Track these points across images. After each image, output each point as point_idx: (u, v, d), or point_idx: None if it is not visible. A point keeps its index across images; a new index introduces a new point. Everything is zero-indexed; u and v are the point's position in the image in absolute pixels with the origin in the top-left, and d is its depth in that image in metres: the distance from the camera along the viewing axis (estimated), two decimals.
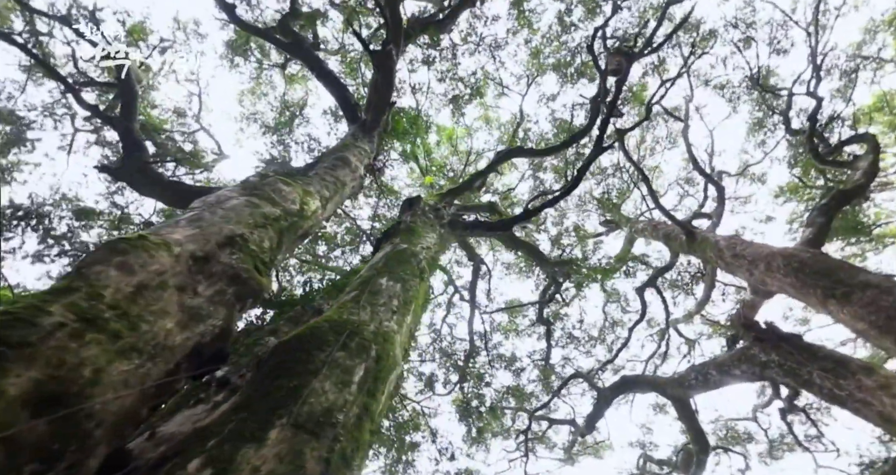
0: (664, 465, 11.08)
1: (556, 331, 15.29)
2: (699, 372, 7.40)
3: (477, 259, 13.76)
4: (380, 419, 2.53)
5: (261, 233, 3.05)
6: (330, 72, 11.78)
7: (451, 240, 7.49)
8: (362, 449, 2.14)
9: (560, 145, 11.35)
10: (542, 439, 12.98)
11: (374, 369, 2.57)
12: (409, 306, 3.76)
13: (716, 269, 12.52)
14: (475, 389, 12.95)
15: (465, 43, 15.59)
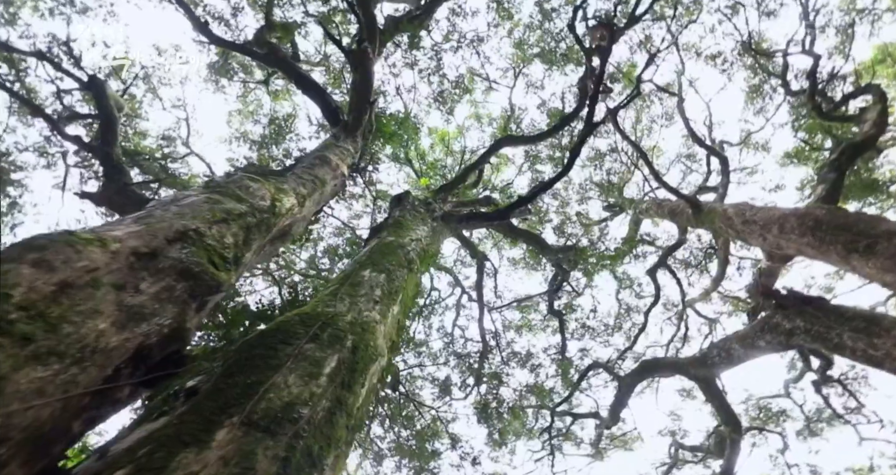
0: (697, 451, 10.63)
1: (569, 322, 14.94)
2: (721, 348, 7.04)
3: (480, 256, 13.51)
4: (361, 414, 2.29)
5: (221, 228, 2.85)
6: (308, 78, 11.71)
7: (446, 234, 7.26)
8: (335, 445, 1.90)
9: (552, 129, 11.13)
10: (568, 436, 12.56)
11: (349, 360, 2.34)
12: (394, 296, 3.53)
13: (728, 243, 12.12)
14: (493, 390, 12.62)
15: (447, 41, 15.49)
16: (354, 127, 9.02)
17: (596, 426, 11.06)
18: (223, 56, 14.92)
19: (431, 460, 10.47)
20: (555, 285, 10.19)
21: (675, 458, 10.99)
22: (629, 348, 12.67)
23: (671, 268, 12.53)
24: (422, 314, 14.87)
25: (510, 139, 11.35)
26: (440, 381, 13.00)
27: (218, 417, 1.69)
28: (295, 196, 4.47)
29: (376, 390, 2.62)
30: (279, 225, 4.07)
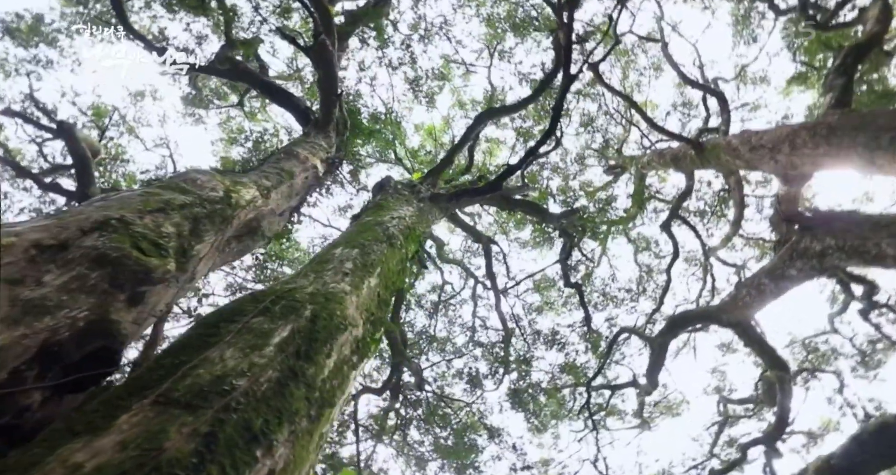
0: (747, 403, 10.13)
1: (590, 294, 14.52)
2: (750, 286, 6.59)
3: (484, 239, 13.18)
4: (331, 386, 2.01)
5: (157, 217, 2.60)
6: (273, 84, 11.57)
7: (436, 214, 6.97)
8: (290, 419, 1.62)
9: (533, 93, 10.73)
10: (610, 410, 12.15)
11: (307, 329, 2.07)
12: (370, 269, 3.25)
13: (741, 183, 11.59)
14: (523, 375, 12.28)
15: (415, 31, 15.19)
16: (325, 122, 8.81)
17: (637, 395, 10.64)
18: (193, 81, 14.79)
19: (471, 455, 10.18)
20: (564, 254, 9.81)
21: (725, 415, 10.50)
22: (656, 310, 12.20)
23: (685, 220, 12.03)
24: (438, 311, 14.61)
25: (492, 112, 11.00)
26: (469, 375, 12.70)
27: (127, 401, 1.43)
28: (256, 188, 4.23)
29: (351, 363, 2.33)
30: (241, 217, 3.82)
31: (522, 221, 16.35)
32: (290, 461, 1.58)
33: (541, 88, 10.96)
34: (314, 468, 1.86)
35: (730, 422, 10.56)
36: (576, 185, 15.85)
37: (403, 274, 4.16)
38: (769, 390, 7.80)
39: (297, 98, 11.33)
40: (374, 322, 2.88)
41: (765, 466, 7.47)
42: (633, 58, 16.65)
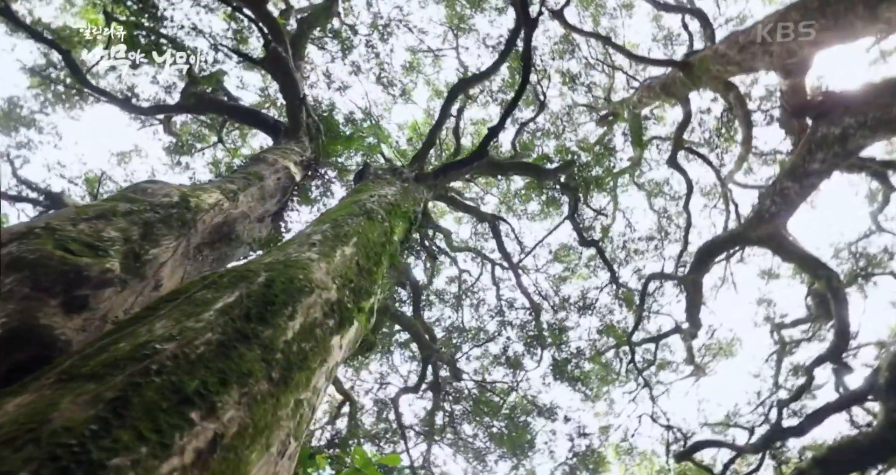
0: (802, 324, 9.58)
1: (612, 251, 14.11)
2: (773, 193, 6.15)
3: (489, 218, 12.91)
4: (297, 349, 1.80)
5: (96, 223, 2.44)
6: (239, 107, 11.58)
7: (423, 193, 6.74)
8: (240, 381, 1.42)
9: (501, 54, 10.39)
10: (660, 364, 11.73)
11: (259, 293, 1.86)
12: (343, 238, 3.03)
13: (741, 98, 11.03)
14: (562, 347, 11.94)
15: (374, 29, 15.00)
16: (295, 128, 8.70)
17: (683, 341, 10.20)
18: (169, 129, 14.84)
19: (526, 436, 9.92)
20: (571, 210, 9.45)
21: (781, 343, 9.97)
22: (683, 250, 11.69)
23: (692, 150, 11.51)
24: (461, 302, 14.40)
25: (463, 83, 10.72)
26: (507, 358, 12.43)
27: (28, 386, 1.25)
28: (220, 191, 4.07)
29: (327, 326, 2.12)
30: (207, 222, 3.66)
31: (527, 195, 16.02)
32: (246, 424, 1.37)
33: (507, 48, 10.62)
34: (294, 437, 1.66)
35: (789, 350, 10.02)
36: (571, 143, 15.44)
37: (389, 247, 3.94)
38: (822, 304, 7.32)
39: (265, 114, 11.28)
40: (356, 289, 2.67)
41: (836, 385, 7.00)
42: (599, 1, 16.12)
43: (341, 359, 2.38)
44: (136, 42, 12.75)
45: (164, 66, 13.60)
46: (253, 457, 1.38)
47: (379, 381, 10.73)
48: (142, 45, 12.77)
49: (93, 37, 12.85)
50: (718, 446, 8.82)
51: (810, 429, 6.93)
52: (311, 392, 1.89)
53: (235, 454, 1.30)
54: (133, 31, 12.21)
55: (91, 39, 12.93)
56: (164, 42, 12.91)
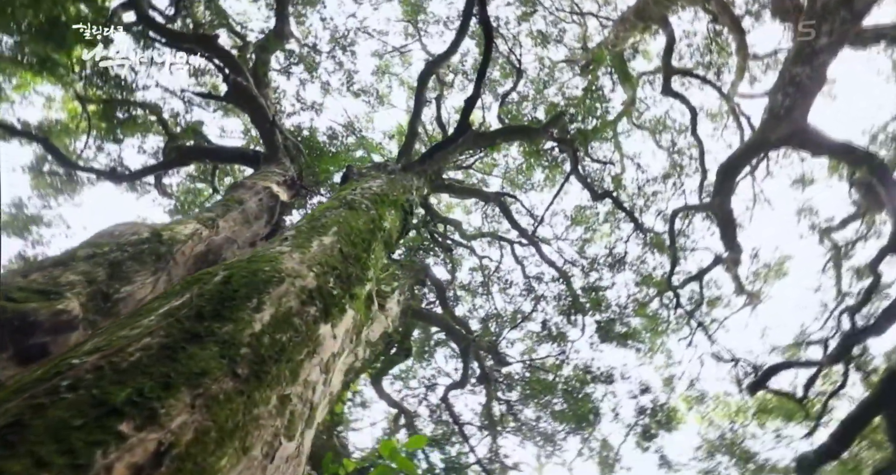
0: (850, 222, 8.89)
1: (630, 200, 13.59)
2: (784, 84, 5.64)
3: (493, 196, 12.61)
4: (272, 340, 1.60)
5: (51, 271, 2.32)
6: (216, 148, 11.69)
7: (412, 180, 6.52)
8: (188, 381, 1.21)
9: (460, 29, 10.09)
10: (710, 301, 11.16)
11: (214, 291, 1.64)
12: (320, 230, 2.83)
13: (725, 4, 10.44)
14: (602, 308, 11.51)
15: (334, 43, 14.93)
16: (272, 152, 8.66)
17: (727, 271, 9.65)
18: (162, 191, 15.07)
19: (588, 405, 9.56)
20: (573, 164, 9.05)
21: (835, 248, 9.29)
22: (703, 179, 11.08)
23: (685, 71, 10.90)
24: (489, 288, 14.16)
25: (431, 65, 10.43)
26: (549, 333, 12.08)
27: None
28: (197, 221, 3.94)
29: (308, 314, 1.91)
30: (187, 252, 3.53)
31: (528, 166, 15.64)
32: (206, 428, 1.17)
33: (466, 18, 10.31)
34: (286, 436, 1.45)
35: (845, 253, 9.32)
36: (560, 101, 14.96)
37: (380, 234, 3.73)
38: (869, 193, 6.75)
39: (245, 149, 11.33)
40: (342, 276, 2.45)
41: None
42: None
43: (340, 349, 2.18)
44: (112, 117, 13.00)
45: (147, 133, 13.93)
46: (223, 463, 1.17)
47: (426, 385, 10.57)
48: (119, 118, 13.04)
49: (75, 124, 13.22)
50: (792, 367, 8.26)
51: (889, 326, 6.36)
52: (302, 386, 1.68)
53: (195, 462, 1.10)
54: (109, 108, 12.50)
55: (73, 126, 13.30)
56: (139, 109, 13.16)
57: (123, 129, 12.72)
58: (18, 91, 13.08)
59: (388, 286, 7.07)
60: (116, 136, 12.73)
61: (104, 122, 12.24)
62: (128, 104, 12.13)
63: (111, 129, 12.34)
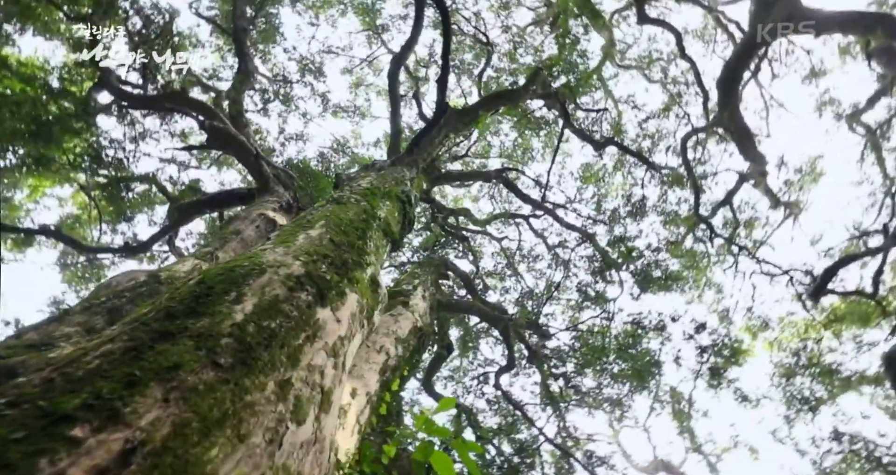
0: (880, 98, 8.22)
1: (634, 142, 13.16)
2: None
3: (493, 174, 12.41)
4: (258, 328, 1.48)
5: (48, 327, 2.29)
6: (213, 195, 11.91)
7: (402, 173, 6.38)
8: (159, 377, 1.09)
9: (416, 13, 9.93)
10: (747, 223, 10.60)
11: (187, 292, 1.53)
12: (305, 226, 2.71)
13: None
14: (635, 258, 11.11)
15: (303, 69, 15.12)
16: (263, 183, 8.72)
17: (756, 187, 9.13)
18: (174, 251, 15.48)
19: (647, 359, 9.21)
20: (564, 116, 8.73)
21: (868, 132, 8.65)
22: (705, 100, 10.55)
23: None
24: (515, 268, 13.98)
25: (397, 59, 10.32)
26: (588, 296, 11.76)
27: None
28: (195, 258, 3.92)
29: (299, 300, 1.79)
30: (173, 284, 3.49)
31: (523, 136, 15.38)
32: (186, 420, 1.05)
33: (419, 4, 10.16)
34: (294, 421, 1.32)
35: (881, 135, 8.64)
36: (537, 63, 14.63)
37: (376, 222, 3.60)
38: (890, 59, 6.22)
39: (239, 189, 11.50)
40: (336, 262, 2.33)
41: None
42: None
43: (349, 333, 2.05)
44: (117, 197, 13.43)
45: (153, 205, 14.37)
46: (214, 453, 1.05)
47: (478, 379, 10.42)
48: (123, 197, 13.45)
49: (86, 213, 13.77)
50: (853, 260, 7.67)
51: None
52: (306, 370, 1.56)
53: (175, 456, 0.98)
54: (112, 190, 12.93)
55: (86, 216, 13.85)
56: (138, 183, 13.55)
57: (131, 207, 13.14)
58: (31, 198, 13.72)
59: (410, 284, 6.97)
60: (126, 215, 13.15)
61: (111, 204, 12.67)
62: (127, 181, 12.52)
63: (120, 210, 12.76)
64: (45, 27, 11.30)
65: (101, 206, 13.12)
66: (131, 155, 12.44)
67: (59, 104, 10.70)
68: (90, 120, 11.15)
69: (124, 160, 12.42)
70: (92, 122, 11.30)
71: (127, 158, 12.46)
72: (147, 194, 13.56)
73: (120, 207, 13.21)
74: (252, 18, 12.80)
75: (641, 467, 11.58)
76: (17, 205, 13.96)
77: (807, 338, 8.94)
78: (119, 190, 12.81)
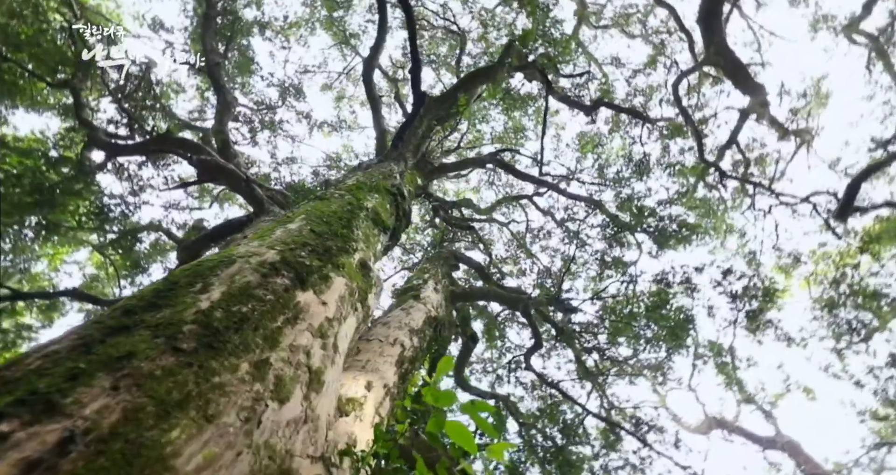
0: (874, 2, 7.79)
1: (626, 99, 12.88)
2: None
3: (487, 158, 12.27)
4: (226, 313, 1.40)
5: None
6: (214, 231, 12.04)
7: (394, 166, 6.31)
8: (107, 368, 1.01)
9: (380, 10, 9.88)
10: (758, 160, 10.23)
11: (150, 290, 1.46)
12: (285, 221, 2.63)
13: None
14: (647, 216, 10.83)
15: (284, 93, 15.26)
16: (259, 207, 8.80)
17: (760, 120, 8.78)
18: None
19: (679, 316, 8.93)
20: (545, 88, 8.52)
21: (871, 39, 8.23)
22: (690, 42, 10.20)
23: None
24: (529, 249, 13.83)
25: (369, 60, 10.29)
26: (606, 263, 11.51)
27: None
28: None
29: (274, 285, 1.70)
30: None
31: (512, 118, 15.22)
32: (140, 405, 0.96)
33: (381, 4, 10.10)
34: (276, 399, 1.23)
35: (886, 40, 8.19)
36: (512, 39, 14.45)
37: (362, 212, 3.52)
38: None
39: (234, 218, 11.61)
40: (317, 250, 2.24)
41: None
42: None
43: (337, 314, 1.95)
44: (129, 250, 13.70)
45: (166, 253, 14.64)
46: (175, 435, 0.96)
47: (510, 367, 10.27)
48: (135, 250, 13.70)
49: (104, 271, 14.12)
50: (876, 171, 7.26)
51: None
52: (288, 351, 1.47)
53: (126, 440, 0.89)
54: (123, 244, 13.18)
55: (104, 274, 14.21)
56: (146, 233, 13.80)
57: (145, 258, 13.41)
58: (52, 267, 14.15)
59: (420, 279, 6.88)
60: (141, 266, 13.41)
61: (125, 258, 12.94)
62: (135, 233, 12.77)
63: (134, 262, 13.03)
64: (34, 102, 11.67)
65: (116, 262, 13.41)
66: (134, 207, 12.66)
67: (58, 170, 11.02)
68: (88, 179, 11.40)
69: (128, 213, 12.65)
70: (91, 181, 11.55)
71: (131, 211, 12.69)
72: (157, 243, 13.80)
73: (134, 260, 13.46)
74: (224, 52, 12.92)
75: (694, 428, 11.25)
76: (40, 275, 14.39)
77: (844, 264, 8.51)
78: (130, 243, 13.07)
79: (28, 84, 11.29)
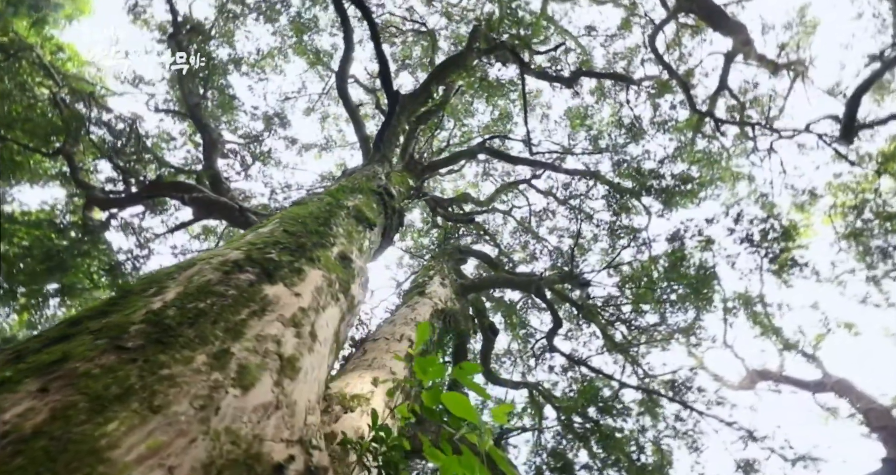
0: None
1: (608, 65, 12.72)
2: None
3: (477, 148, 12.20)
4: (198, 307, 1.35)
5: None
6: None
7: (379, 168, 6.27)
8: (22, 378, 0.96)
9: (342, 22, 9.90)
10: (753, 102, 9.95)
11: (103, 302, 1.44)
12: (257, 227, 2.59)
13: None
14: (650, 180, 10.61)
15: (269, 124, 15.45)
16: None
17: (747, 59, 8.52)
18: None
19: (701, 275, 8.68)
20: (521, 65, 8.39)
21: None
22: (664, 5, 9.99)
23: None
24: (537, 232, 13.71)
25: (340, 73, 10.32)
26: (616, 232, 11.31)
27: None
28: None
29: (229, 281, 1.66)
30: None
31: (497, 107, 15.15)
32: (71, 402, 0.91)
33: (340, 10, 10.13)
34: (238, 386, 1.17)
35: None
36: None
37: (342, 210, 3.48)
38: None
39: None
40: (289, 247, 2.19)
41: None
42: None
43: (313, 304, 1.89)
44: None
45: None
46: (111, 428, 0.91)
47: (535, 353, 10.12)
48: None
49: None
50: (874, 82, 6.89)
51: None
52: (254, 341, 1.41)
53: (52, 438, 0.84)
54: None
55: None
56: None
57: None
58: None
59: (425, 277, 6.83)
60: None
61: None
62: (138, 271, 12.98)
63: None
64: (34, 175, 12.02)
65: None
66: (143, 259, 12.83)
67: (67, 235, 11.31)
68: (94, 238, 11.62)
69: (138, 266, 12.83)
70: (97, 240, 11.77)
71: (141, 263, 12.87)
72: None
73: None
74: (202, 93, 13.10)
75: (738, 385, 10.92)
76: None
77: (864, 191, 8.16)
78: None
79: (25, 158, 11.67)
